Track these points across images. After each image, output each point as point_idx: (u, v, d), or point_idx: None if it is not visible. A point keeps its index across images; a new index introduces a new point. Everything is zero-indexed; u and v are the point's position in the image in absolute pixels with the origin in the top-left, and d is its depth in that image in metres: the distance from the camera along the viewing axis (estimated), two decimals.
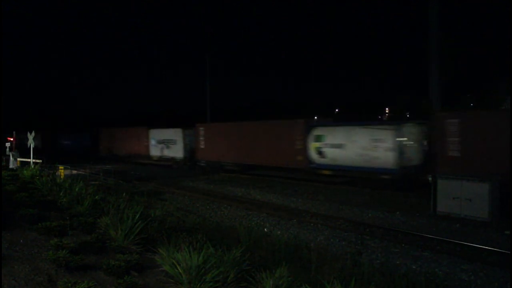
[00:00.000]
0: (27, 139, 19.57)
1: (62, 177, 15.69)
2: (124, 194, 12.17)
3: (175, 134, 32.42)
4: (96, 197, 10.29)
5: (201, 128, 29.86)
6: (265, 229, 11.26)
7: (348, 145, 19.52)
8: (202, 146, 29.29)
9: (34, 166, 16.69)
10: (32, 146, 19.74)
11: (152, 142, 35.18)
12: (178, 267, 5.23)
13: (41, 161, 19.53)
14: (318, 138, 20.92)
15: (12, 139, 27.22)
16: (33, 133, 19.74)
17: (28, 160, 19.95)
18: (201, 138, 29.43)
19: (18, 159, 22.29)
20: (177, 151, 32.15)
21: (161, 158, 34.06)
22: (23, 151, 23.37)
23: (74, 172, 22.83)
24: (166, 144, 33.32)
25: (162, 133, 34.45)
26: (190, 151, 30.94)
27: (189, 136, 31.18)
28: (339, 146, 19.93)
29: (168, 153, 33.12)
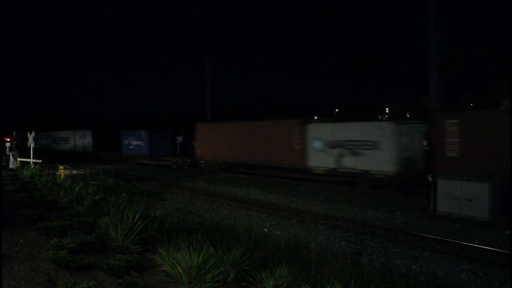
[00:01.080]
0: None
1: (62, 177, 15.69)
2: (124, 194, 12.18)
3: (373, 132, 19.43)
4: (96, 197, 10.31)
5: (454, 121, 16.63)
6: (265, 229, 11.25)
7: None
8: (454, 154, 16.44)
9: (34, 166, 16.71)
10: (32, 146, 19.73)
11: (316, 144, 21.94)
12: (178, 267, 5.23)
13: (41, 161, 19.53)
14: None
15: (10, 139, 27.16)
16: (33, 133, 19.73)
17: (28, 160, 19.95)
18: (453, 139, 16.55)
19: (18, 159, 22.29)
20: (377, 161, 18.96)
21: (334, 172, 21.16)
22: (24, 152, 23.34)
23: (74, 172, 22.83)
24: (350, 148, 20.14)
25: (339, 129, 21.34)
26: (406, 160, 18.64)
27: (407, 134, 19.08)
28: None
29: (354, 163, 19.92)
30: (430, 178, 14.71)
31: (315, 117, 44.59)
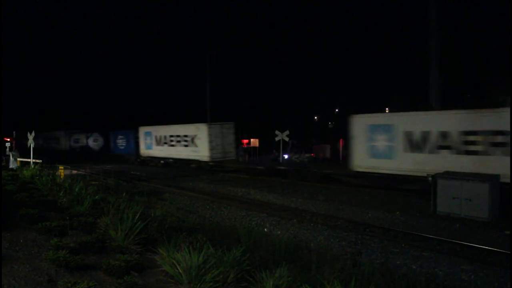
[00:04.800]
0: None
1: (62, 177, 15.70)
2: (124, 194, 12.18)
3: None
4: (96, 197, 10.31)
5: None
6: (265, 229, 11.25)
7: None
8: None
9: (34, 166, 16.72)
10: (32, 146, 19.75)
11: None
12: (178, 267, 5.23)
13: (41, 161, 19.55)
14: None
15: (9, 139, 27.18)
16: (33, 133, 19.76)
17: (28, 160, 19.96)
18: None
19: (18, 159, 22.31)
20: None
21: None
22: (25, 152, 23.33)
23: (74, 172, 22.83)
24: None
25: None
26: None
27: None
28: None
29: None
30: (430, 178, 14.70)
31: (315, 117, 44.42)
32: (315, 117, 70.31)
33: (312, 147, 37.11)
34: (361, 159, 19.66)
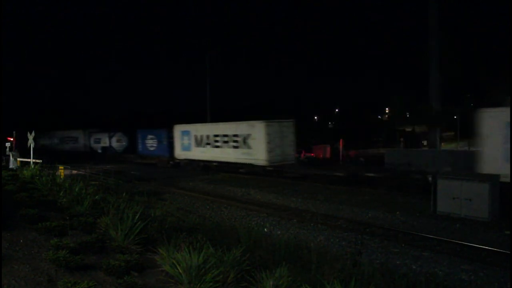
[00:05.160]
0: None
1: (62, 177, 15.69)
2: (124, 194, 12.17)
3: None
4: (96, 197, 10.31)
5: None
6: (265, 229, 11.26)
7: None
8: None
9: (34, 166, 16.71)
10: (32, 146, 19.75)
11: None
12: (178, 267, 5.23)
13: (41, 161, 19.54)
14: None
15: (13, 139, 27.21)
16: (33, 133, 19.76)
17: (28, 160, 19.96)
18: None
19: (18, 159, 22.31)
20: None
21: None
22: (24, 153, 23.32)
23: (74, 172, 22.82)
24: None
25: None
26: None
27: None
28: None
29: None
30: (430, 178, 14.69)
31: (315, 117, 44.43)
32: (315, 117, 70.33)
33: (312, 147, 37.15)
34: (494, 166, 15.11)
